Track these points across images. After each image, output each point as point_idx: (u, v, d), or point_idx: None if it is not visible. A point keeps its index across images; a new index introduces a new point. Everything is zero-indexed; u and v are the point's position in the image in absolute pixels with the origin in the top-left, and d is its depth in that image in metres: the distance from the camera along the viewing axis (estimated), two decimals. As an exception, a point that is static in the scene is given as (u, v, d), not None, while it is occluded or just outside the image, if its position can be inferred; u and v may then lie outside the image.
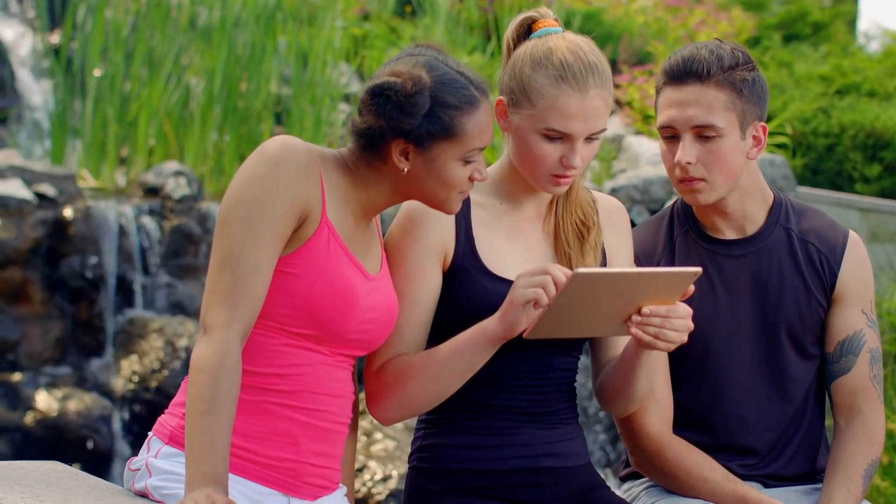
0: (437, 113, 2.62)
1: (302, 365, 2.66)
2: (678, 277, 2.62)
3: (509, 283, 2.82)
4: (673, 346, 2.69)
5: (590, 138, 2.80)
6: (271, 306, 2.63)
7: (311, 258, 2.62)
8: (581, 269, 2.53)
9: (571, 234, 2.93)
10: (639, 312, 2.65)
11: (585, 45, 2.82)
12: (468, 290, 2.85)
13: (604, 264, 2.96)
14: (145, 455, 2.68)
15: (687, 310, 2.68)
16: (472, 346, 2.74)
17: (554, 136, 2.79)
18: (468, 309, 2.82)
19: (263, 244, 2.56)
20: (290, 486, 2.67)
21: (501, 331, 2.70)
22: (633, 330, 2.67)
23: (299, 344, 2.66)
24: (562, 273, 2.62)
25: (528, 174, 2.86)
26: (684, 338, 2.69)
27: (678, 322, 2.66)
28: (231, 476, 2.58)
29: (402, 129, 2.62)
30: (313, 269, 2.62)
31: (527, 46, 2.84)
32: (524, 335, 2.68)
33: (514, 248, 2.90)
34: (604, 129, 2.82)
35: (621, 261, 3.01)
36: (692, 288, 2.67)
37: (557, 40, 2.82)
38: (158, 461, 2.64)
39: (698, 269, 2.62)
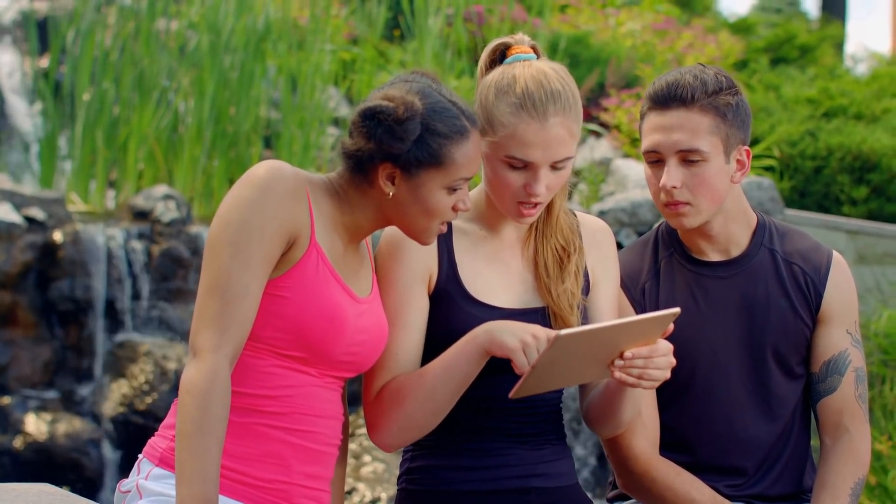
0: (427, 140, 2.64)
1: (292, 386, 2.67)
2: (658, 320, 2.62)
3: (492, 308, 2.84)
4: (657, 384, 2.69)
5: (555, 166, 2.80)
6: (261, 329, 2.64)
7: (301, 281, 2.64)
8: (563, 332, 2.53)
9: (551, 260, 2.93)
10: (621, 356, 2.66)
11: (552, 72, 2.81)
12: (451, 314, 2.86)
13: (586, 288, 2.97)
14: (135, 477, 2.69)
15: (668, 347, 2.68)
16: (464, 357, 2.74)
17: (516, 164, 2.79)
18: (452, 333, 2.83)
19: (252, 267, 2.57)
20: (281, 507, 2.68)
21: (488, 346, 2.71)
22: (617, 374, 2.66)
23: (289, 365, 2.67)
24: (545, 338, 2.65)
25: (496, 202, 2.87)
26: (667, 374, 2.68)
27: (660, 360, 2.66)
28: (222, 497, 2.59)
29: (390, 153, 2.64)
30: (302, 291, 2.63)
31: (494, 74, 2.84)
32: (510, 395, 2.69)
33: (495, 274, 2.91)
34: (569, 157, 2.81)
35: (605, 283, 3.01)
36: (672, 326, 2.68)
37: (523, 68, 2.81)
38: (149, 483, 2.65)
39: (676, 310, 2.62)
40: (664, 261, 3.22)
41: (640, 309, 3.16)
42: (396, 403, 2.80)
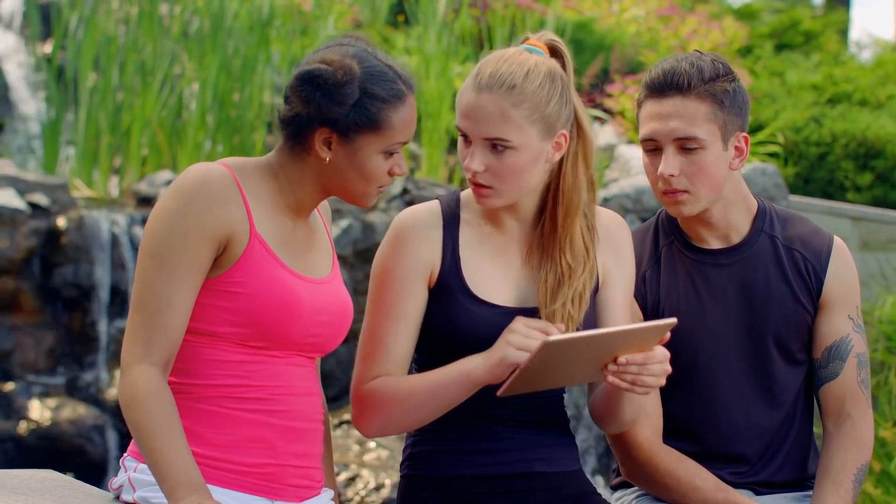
0: (365, 104, 2.64)
1: (262, 370, 2.67)
2: (654, 330, 2.60)
3: (491, 306, 2.83)
4: (651, 391, 2.69)
5: (494, 147, 2.77)
6: (218, 326, 2.64)
7: (247, 274, 2.63)
8: (551, 338, 2.52)
9: (552, 280, 2.86)
10: (615, 360, 2.64)
11: (517, 61, 2.78)
12: (450, 311, 2.85)
13: (596, 287, 2.94)
14: (125, 474, 2.70)
15: (664, 354, 2.66)
16: (456, 386, 2.76)
17: (464, 136, 2.81)
18: (449, 331, 2.83)
19: (175, 279, 2.58)
20: (274, 490, 2.68)
21: (485, 380, 2.72)
22: (610, 378, 2.65)
23: (254, 353, 2.67)
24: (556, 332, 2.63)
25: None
26: (662, 381, 2.67)
27: (655, 367, 2.64)
28: (214, 487, 2.59)
29: (328, 117, 2.63)
30: (251, 284, 2.63)
31: None
32: (497, 394, 2.69)
33: (497, 271, 2.90)
34: (503, 140, 2.76)
35: (618, 282, 2.97)
36: (668, 335, 2.66)
37: (500, 54, 2.82)
38: (139, 475, 2.66)
39: (673, 320, 2.61)
40: (664, 249, 3.21)
41: (640, 297, 3.15)
42: (382, 407, 2.82)
